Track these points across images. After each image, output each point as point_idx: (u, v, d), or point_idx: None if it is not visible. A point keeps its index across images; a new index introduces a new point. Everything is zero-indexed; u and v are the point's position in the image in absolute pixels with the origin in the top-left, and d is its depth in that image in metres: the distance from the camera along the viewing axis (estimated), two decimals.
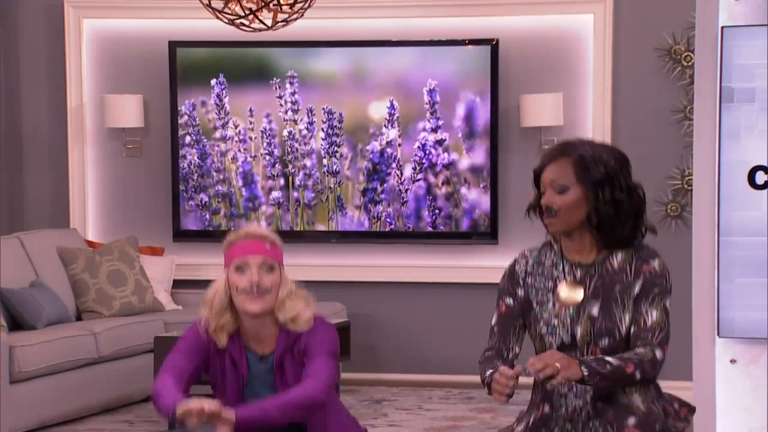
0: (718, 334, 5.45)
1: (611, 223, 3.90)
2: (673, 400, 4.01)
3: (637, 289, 3.91)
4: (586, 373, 3.74)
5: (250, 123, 9.54)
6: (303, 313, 4.14)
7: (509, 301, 3.99)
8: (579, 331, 3.90)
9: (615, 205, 3.90)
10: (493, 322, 4.00)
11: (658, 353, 3.85)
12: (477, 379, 10.45)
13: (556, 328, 3.93)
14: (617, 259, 3.93)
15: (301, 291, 4.18)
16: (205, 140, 9.59)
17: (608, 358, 3.79)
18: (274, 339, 4.13)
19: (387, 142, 9.43)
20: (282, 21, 8.11)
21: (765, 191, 5.35)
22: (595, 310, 3.90)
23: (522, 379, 3.77)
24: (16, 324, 8.54)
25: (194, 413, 3.90)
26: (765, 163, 5.31)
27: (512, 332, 3.98)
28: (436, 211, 9.39)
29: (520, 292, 3.99)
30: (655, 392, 3.97)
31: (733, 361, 5.48)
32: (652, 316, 3.89)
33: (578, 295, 3.91)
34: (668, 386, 4.46)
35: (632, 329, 3.89)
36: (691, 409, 4.06)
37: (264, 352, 4.13)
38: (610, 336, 3.88)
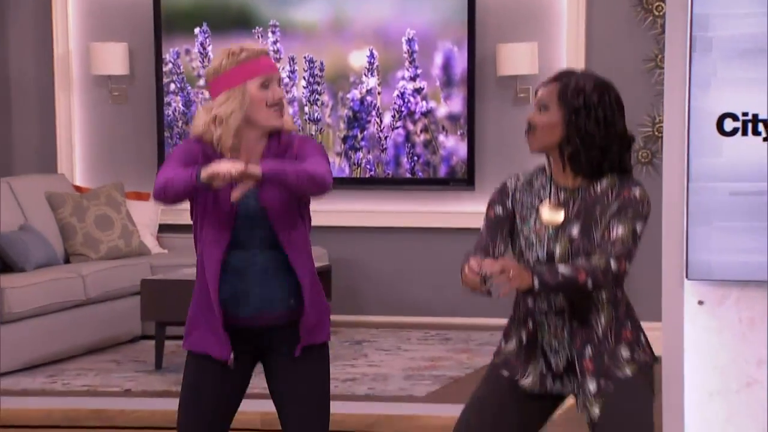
0: (686, 276, 5.48)
1: (577, 150, 3.94)
2: (639, 327, 4.07)
3: (614, 208, 3.94)
4: (537, 284, 3.77)
5: None
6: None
7: (498, 209, 4.03)
8: (558, 250, 3.94)
9: (585, 134, 3.93)
10: (482, 227, 4.04)
11: (613, 264, 3.87)
12: (454, 321, 10.51)
13: (534, 244, 3.97)
14: (601, 185, 3.98)
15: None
16: (189, 88, 9.59)
17: (561, 269, 3.82)
18: (260, 153, 4.08)
19: (367, 91, 9.44)
20: None
21: (733, 138, 5.38)
22: (575, 231, 3.94)
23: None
24: (5, 266, 8.56)
25: (222, 175, 3.85)
26: (734, 111, 5.34)
27: (499, 235, 4.01)
28: (415, 157, 9.41)
29: (509, 203, 4.02)
30: (623, 311, 4.02)
31: (700, 303, 5.52)
32: (618, 231, 3.91)
33: (559, 216, 3.96)
34: (643, 325, 4.50)
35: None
36: (653, 354, 4.12)
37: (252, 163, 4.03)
38: (587, 255, 3.92)
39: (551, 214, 3.97)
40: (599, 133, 3.96)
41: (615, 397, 3.99)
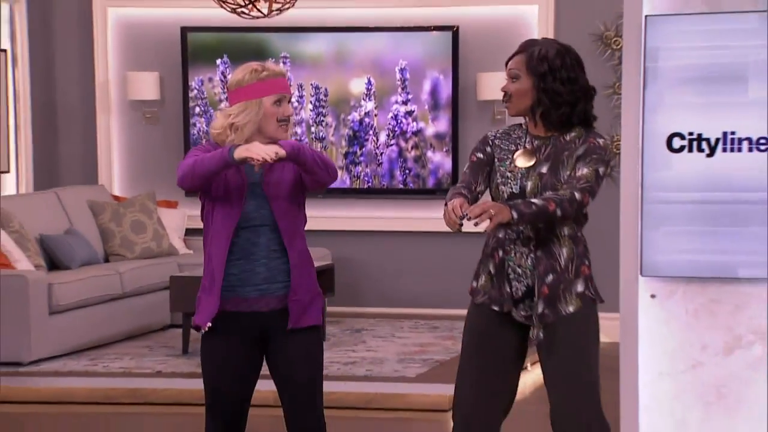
0: (641, 273, 5.50)
1: (548, 109, 3.95)
2: (590, 273, 4.04)
3: (580, 152, 3.96)
4: (515, 215, 3.77)
5: None
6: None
7: (480, 154, 4.05)
8: (529, 184, 3.94)
9: (553, 94, 3.94)
10: (466, 168, 4.06)
11: (578, 195, 3.88)
12: (441, 311, 10.48)
13: (509, 180, 3.98)
14: (570, 135, 4.00)
15: None
16: (211, 111, 9.59)
17: (534, 200, 3.83)
18: None
19: (365, 113, 9.45)
20: (276, 10, 8.12)
21: (680, 154, 5.40)
22: (544, 169, 3.95)
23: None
24: (53, 265, 8.57)
25: (257, 155, 3.84)
26: (681, 131, 5.37)
27: (480, 174, 4.02)
28: (407, 171, 9.42)
29: (488, 149, 4.04)
30: (582, 249, 4.02)
31: (653, 296, 5.53)
32: (583, 170, 3.93)
33: (531, 161, 3.97)
34: (602, 316, 4.51)
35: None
36: (599, 297, 4.12)
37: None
38: (553, 190, 3.93)
39: (523, 158, 3.99)
40: (565, 91, 3.97)
41: (555, 327, 3.95)
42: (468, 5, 9.33)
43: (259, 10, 8.03)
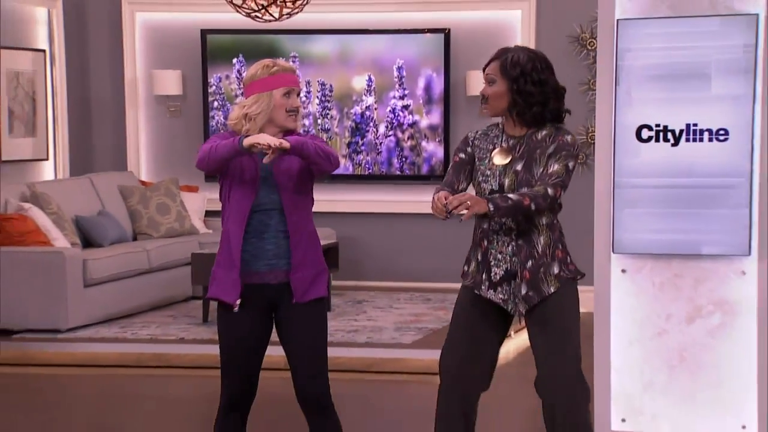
0: (613, 250, 5.50)
1: (522, 109, 3.94)
2: (567, 252, 4.02)
3: (551, 150, 3.94)
4: (491, 208, 3.77)
5: None
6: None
7: (462, 154, 4.04)
8: (506, 181, 3.94)
9: (527, 95, 3.93)
10: (450, 168, 4.05)
11: (550, 191, 3.87)
12: (434, 285, 10.49)
13: (489, 177, 3.97)
14: (541, 133, 3.98)
15: None
16: (228, 105, 9.58)
17: (510, 195, 3.83)
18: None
19: (366, 107, 9.44)
20: (286, 14, 8.11)
21: (648, 144, 5.40)
22: (519, 167, 3.94)
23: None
24: (87, 243, 8.59)
25: (261, 144, 3.84)
26: (649, 123, 5.37)
27: (462, 173, 4.02)
28: (403, 158, 9.42)
29: (469, 149, 4.03)
30: (558, 235, 3.99)
31: (623, 271, 5.53)
32: (554, 167, 3.92)
33: (506, 159, 3.97)
34: (580, 290, 4.50)
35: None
36: (579, 272, 4.10)
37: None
38: (528, 186, 3.92)
39: (500, 157, 3.99)
40: (537, 92, 3.96)
41: (540, 307, 3.95)
42: (459, 10, 9.32)
43: (271, 15, 8.03)
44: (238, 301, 4.04)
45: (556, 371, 3.85)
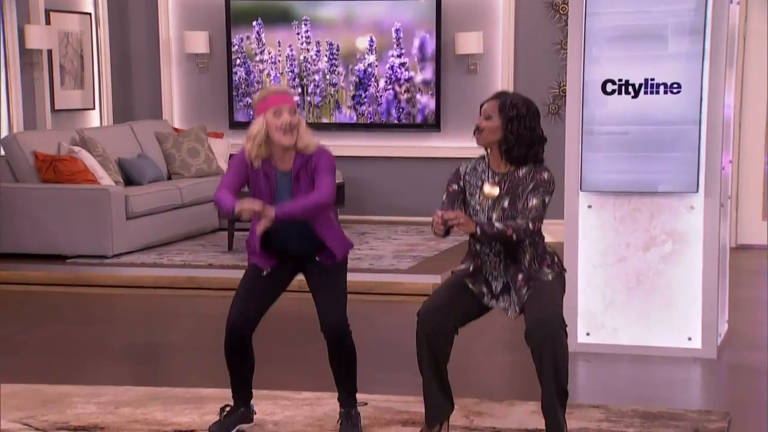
0: (581, 189, 5.50)
1: (511, 146, 3.91)
2: (554, 255, 4.01)
3: (530, 187, 3.91)
4: (478, 231, 3.79)
5: (279, 51, 9.47)
6: (311, 141, 4.03)
7: (454, 186, 4.00)
8: (494, 216, 3.92)
9: (517, 136, 3.90)
10: (444, 198, 4.01)
11: (530, 224, 3.84)
12: (427, 219, 10.51)
13: (479, 212, 3.94)
14: (522, 171, 3.92)
15: (308, 129, 4.07)
16: (249, 62, 9.52)
17: (496, 224, 3.83)
18: (292, 160, 4.00)
19: (368, 64, 9.38)
20: None
21: (612, 96, 5.38)
22: (505, 203, 3.90)
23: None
24: (129, 181, 8.57)
25: (247, 210, 3.84)
26: (613, 78, 5.34)
27: (455, 202, 3.98)
28: (401, 109, 9.38)
29: (461, 183, 3.99)
30: (541, 249, 3.96)
31: (589, 206, 5.54)
32: (533, 201, 3.87)
33: (495, 191, 3.95)
34: (550, 222, 4.50)
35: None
36: (563, 267, 4.08)
37: (286, 169, 4.00)
38: (513, 219, 3.91)
39: (490, 190, 3.96)
40: (526, 135, 3.91)
41: (538, 286, 3.94)
42: None
43: None
44: (267, 270, 4.06)
45: (543, 315, 3.85)
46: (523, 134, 3.90)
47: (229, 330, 4.06)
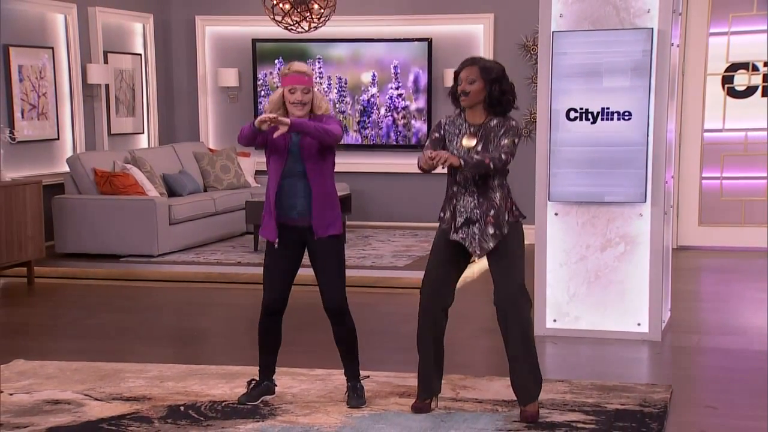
0: (549, 199, 5.52)
1: (496, 103, 3.90)
2: (514, 202, 3.97)
3: (501, 131, 3.90)
4: (462, 162, 3.77)
5: None
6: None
7: (436, 134, 3.97)
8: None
9: (500, 92, 3.90)
10: (427, 143, 3.98)
11: (503, 156, 3.83)
12: (419, 224, 10.48)
13: (456, 155, 3.92)
14: (494, 122, 3.92)
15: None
16: (271, 93, 9.52)
17: (475, 156, 3.82)
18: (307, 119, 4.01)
19: (371, 95, 9.40)
20: (313, 27, 8.07)
21: (575, 122, 5.39)
22: (479, 148, 3.90)
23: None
24: (171, 193, 8.58)
25: (266, 119, 3.83)
26: (575, 107, 5.36)
27: (437, 147, 3.94)
28: (398, 132, 9.39)
29: (441, 131, 3.97)
30: (506, 191, 3.94)
31: (556, 214, 5.55)
32: (504, 141, 3.87)
33: (472, 143, 3.93)
34: (524, 228, 4.50)
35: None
36: (522, 214, 4.07)
37: None
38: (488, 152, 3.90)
39: (467, 140, 3.96)
40: (503, 91, 3.93)
41: (501, 250, 3.93)
42: (438, 24, 9.26)
43: (302, 28, 8.02)
44: (277, 240, 4.04)
45: (507, 288, 3.86)
46: (506, 89, 3.90)
47: (264, 309, 4.06)
